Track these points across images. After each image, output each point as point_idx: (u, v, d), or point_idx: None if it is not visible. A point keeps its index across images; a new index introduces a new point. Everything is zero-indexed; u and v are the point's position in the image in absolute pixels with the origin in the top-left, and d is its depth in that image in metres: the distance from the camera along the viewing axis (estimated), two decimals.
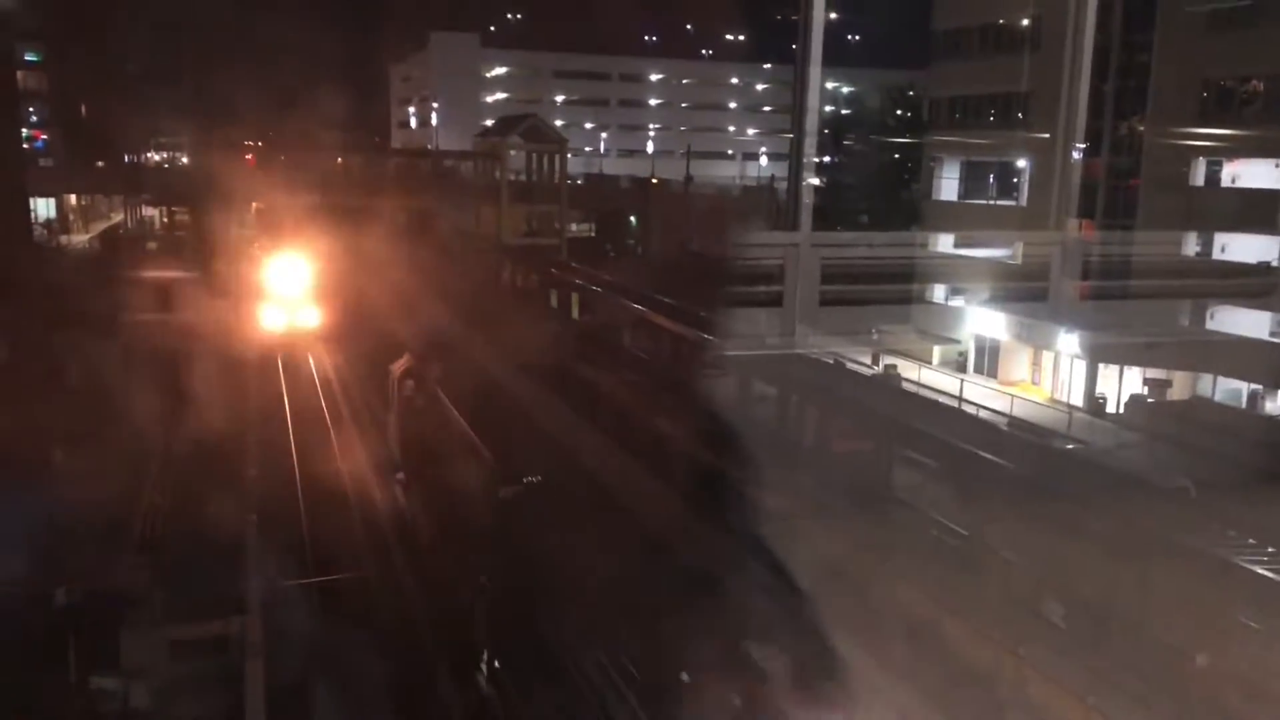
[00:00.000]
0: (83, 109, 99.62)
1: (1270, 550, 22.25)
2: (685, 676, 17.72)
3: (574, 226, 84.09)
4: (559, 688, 20.34)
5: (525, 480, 24.39)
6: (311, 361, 47.09)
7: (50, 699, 21.09)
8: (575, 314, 53.30)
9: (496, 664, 21.87)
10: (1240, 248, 43.75)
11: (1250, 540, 22.86)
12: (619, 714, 19.01)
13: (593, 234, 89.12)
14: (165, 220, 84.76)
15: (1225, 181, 44.98)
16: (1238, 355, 37.54)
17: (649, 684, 18.67)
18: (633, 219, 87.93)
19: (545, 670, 20.89)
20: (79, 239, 78.40)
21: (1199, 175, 45.49)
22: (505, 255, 66.63)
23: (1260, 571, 20.91)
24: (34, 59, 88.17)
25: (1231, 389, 38.83)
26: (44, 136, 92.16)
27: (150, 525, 27.86)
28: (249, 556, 24.60)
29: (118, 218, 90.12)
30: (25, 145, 77.53)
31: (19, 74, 73.50)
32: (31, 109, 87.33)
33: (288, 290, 48.58)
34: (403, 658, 22.54)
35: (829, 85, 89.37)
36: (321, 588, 25.49)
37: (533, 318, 50.55)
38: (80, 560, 25.03)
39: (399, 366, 34.74)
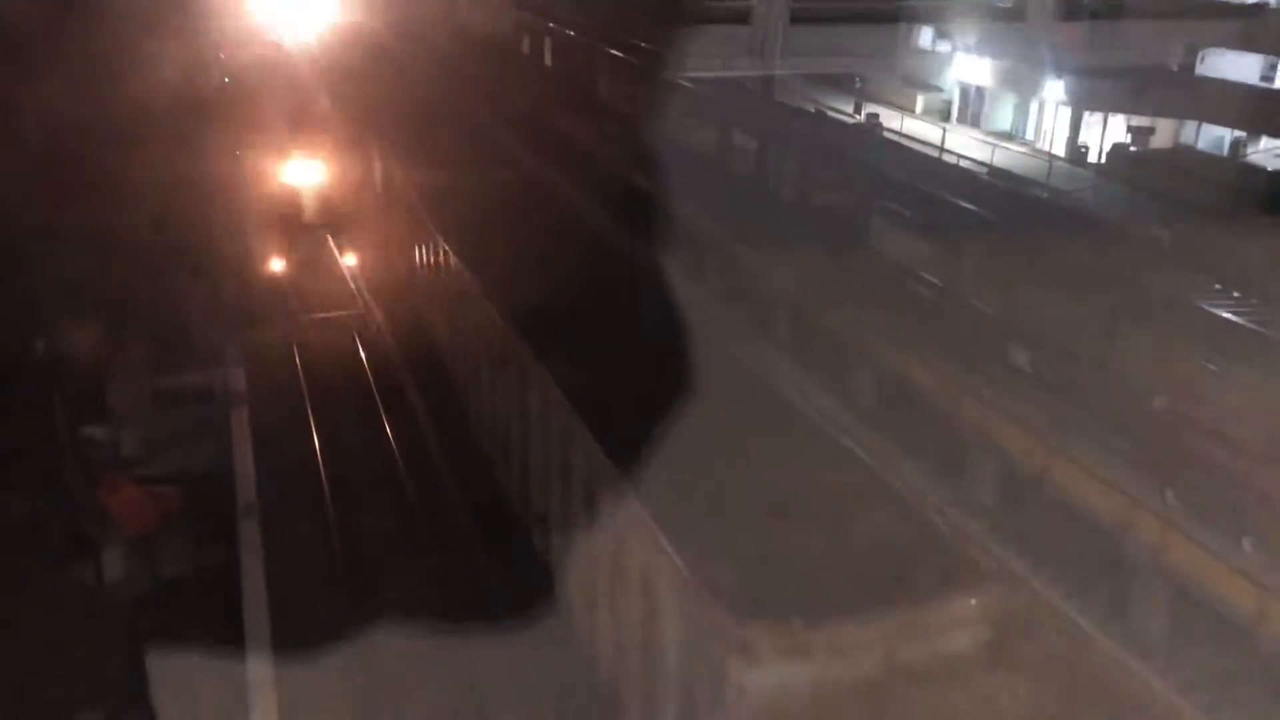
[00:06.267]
0: None
1: (1236, 295, 22.58)
2: None
3: None
4: None
5: None
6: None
7: (38, 449, 21.55)
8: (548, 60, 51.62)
9: None
10: None
11: (1217, 285, 23.17)
12: None
13: None
14: None
15: None
16: (1224, 101, 36.76)
17: None
18: None
19: None
20: None
21: None
22: None
23: (1225, 316, 21.27)
24: None
25: (1215, 136, 38.30)
26: None
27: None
28: None
29: None
30: None
31: None
32: None
33: None
34: None
35: None
36: None
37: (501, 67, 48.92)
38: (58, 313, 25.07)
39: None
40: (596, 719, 16.10)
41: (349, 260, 34.78)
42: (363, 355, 30.83)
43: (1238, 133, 37.55)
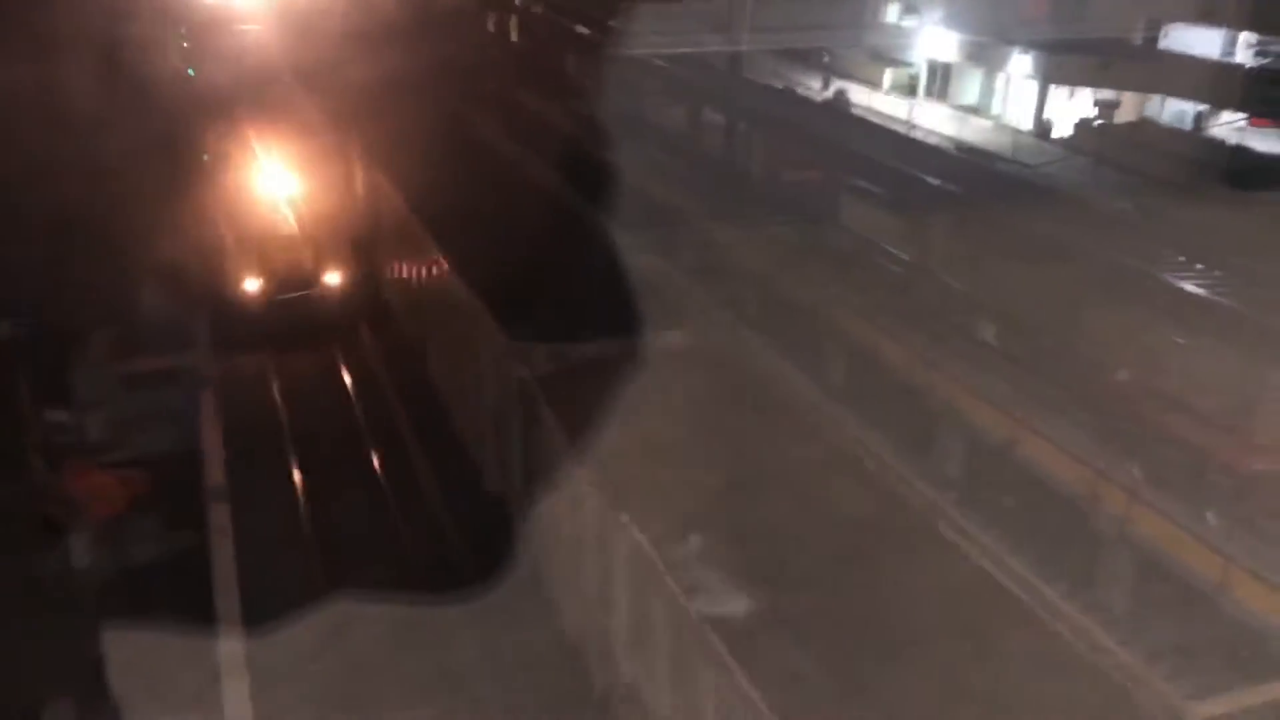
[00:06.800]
0: None
1: (1199, 267, 22.84)
2: None
3: None
4: None
5: None
6: None
7: (2, 434, 21.27)
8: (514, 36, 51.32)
9: None
10: None
11: (1181, 258, 23.42)
12: None
13: None
14: None
15: None
16: (1188, 75, 37.04)
17: None
18: None
19: None
20: None
21: None
22: None
23: (1188, 288, 21.54)
24: None
25: (1179, 110, 38.60)
26: None
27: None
28: None
29: None
30: None
31: None
32: None
33: None
34: None
35: None
36: None
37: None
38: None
39: None
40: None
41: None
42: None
43: (1200, 106, 37.86)
